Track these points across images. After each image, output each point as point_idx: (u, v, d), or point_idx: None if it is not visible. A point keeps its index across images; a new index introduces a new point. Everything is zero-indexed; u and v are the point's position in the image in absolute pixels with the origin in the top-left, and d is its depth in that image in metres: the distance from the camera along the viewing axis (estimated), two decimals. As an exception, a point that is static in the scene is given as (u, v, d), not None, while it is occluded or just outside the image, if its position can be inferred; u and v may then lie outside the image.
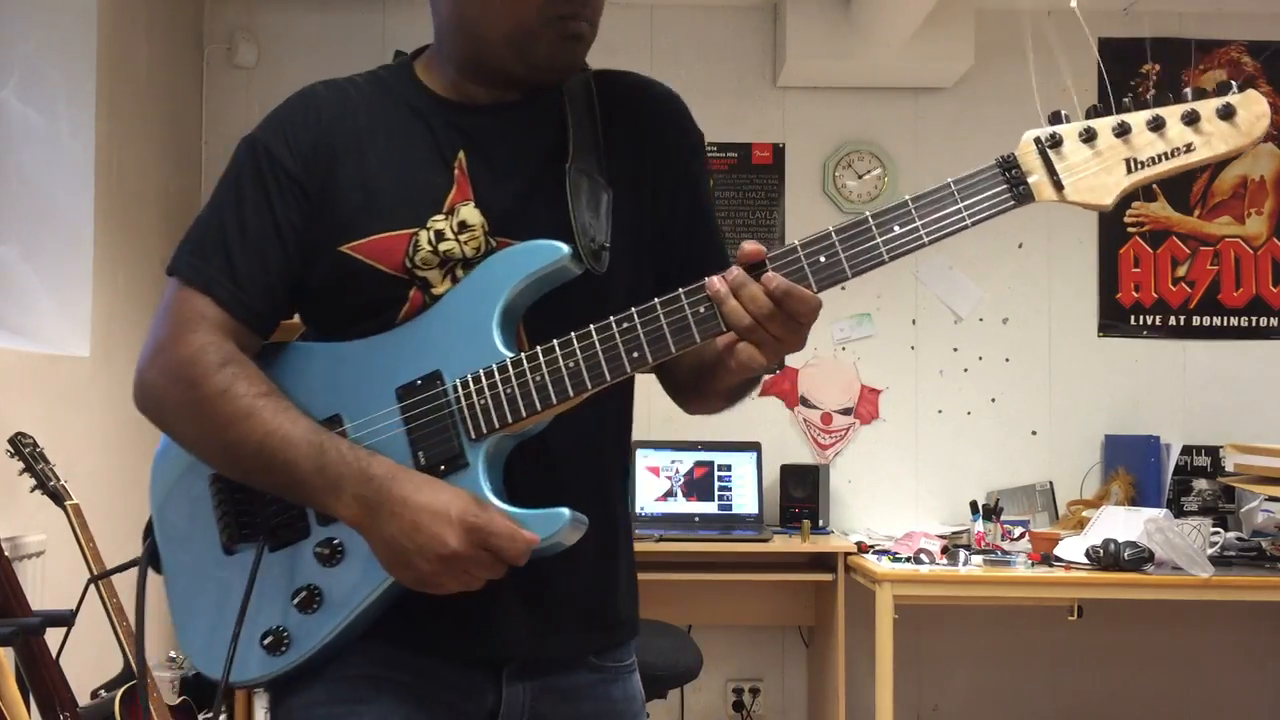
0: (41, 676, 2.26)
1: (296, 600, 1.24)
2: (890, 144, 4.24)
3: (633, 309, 1.19)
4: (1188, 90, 1.13)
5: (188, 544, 1.32)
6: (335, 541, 1.24)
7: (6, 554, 2.25)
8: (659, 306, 1.19)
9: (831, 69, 4.09)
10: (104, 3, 3.24)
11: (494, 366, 1.21)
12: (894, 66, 4.01)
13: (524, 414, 1.20)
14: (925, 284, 4.19)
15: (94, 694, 2.67)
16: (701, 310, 1.18)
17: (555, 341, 1.20)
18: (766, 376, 4.06)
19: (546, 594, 1.30)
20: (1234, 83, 1.11)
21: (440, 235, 1.27)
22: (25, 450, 2.55)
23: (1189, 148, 1.11)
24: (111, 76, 3.31)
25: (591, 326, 1.20)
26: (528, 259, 1.23)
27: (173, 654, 3.53)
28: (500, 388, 1.20)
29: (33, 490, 2.55)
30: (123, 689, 2.55)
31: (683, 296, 1.18)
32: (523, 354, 1.21)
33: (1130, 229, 4.24)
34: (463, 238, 1.27)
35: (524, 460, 1.26)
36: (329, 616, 1.24)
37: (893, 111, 4.25)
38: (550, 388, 1.20)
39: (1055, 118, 1.15)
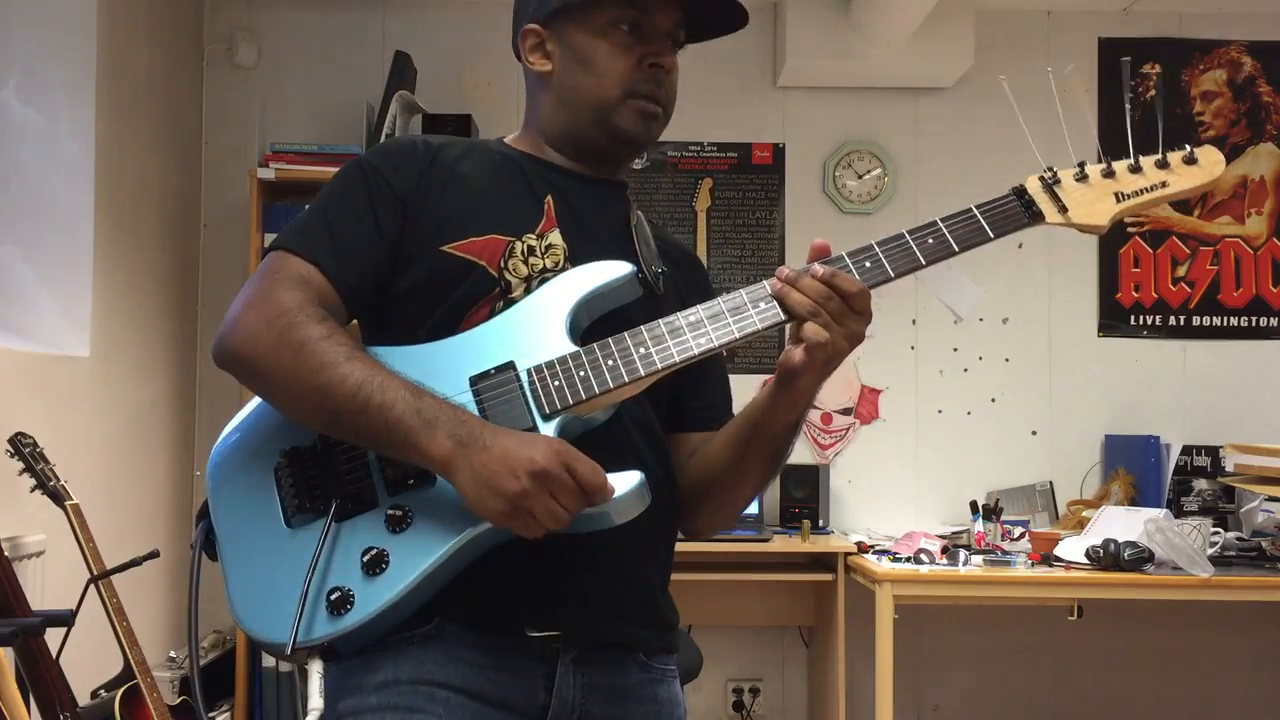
0: (41, 676, 2.26)
1: (366, 558, 1.28)
2: (890, 144, 4.24)
3: (697, 305, 1.32)
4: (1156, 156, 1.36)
5: (248, 521, 1.35)
6: (405, 507, 1.29)
7: (6, 554, 2.25)
8: (721, 301, 1.32)
9: (831, 69, 4.09)
10: (104, 3, 3.24)
11: (566, 355, 1.31)
12: (894, 66, 4.01)
13: (596, 391, 1.29)
14: (925, 284, 4.19)
15: (94, 694, 2.67)
16: (762, 304, 1.31)
17: (625, 332, 1.32)
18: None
19: (613, 576, 1.37)
20: (1188, 145, 1.35)
21: (531, 250, 1.40)
22: (25, 450, 2.55)
23: (1164, 184, 1.35)
24: (111, 76, 3.31)
25: (659, 319, 1.32)
26: (596, 273, 1.37)
27: (173, 654, 3.53)
28: (574, 371, 1.30)
29: (33, 490, 2.55)
30: (123, 689, 2.55)
31: (743, 292, 1.32)
32: (594, 344, 1.31)
33: (1130, 229, 4.24)
34: (547, 254, 1.41)
35: (598, 450, 1.32)
36: (394, 579, 1.27)
37: (893, 111, 4.25)
38: (622, 368, 1.30)
39: (1050, 169, 1.37)
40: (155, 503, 3.68)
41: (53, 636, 2.30)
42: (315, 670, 1.29)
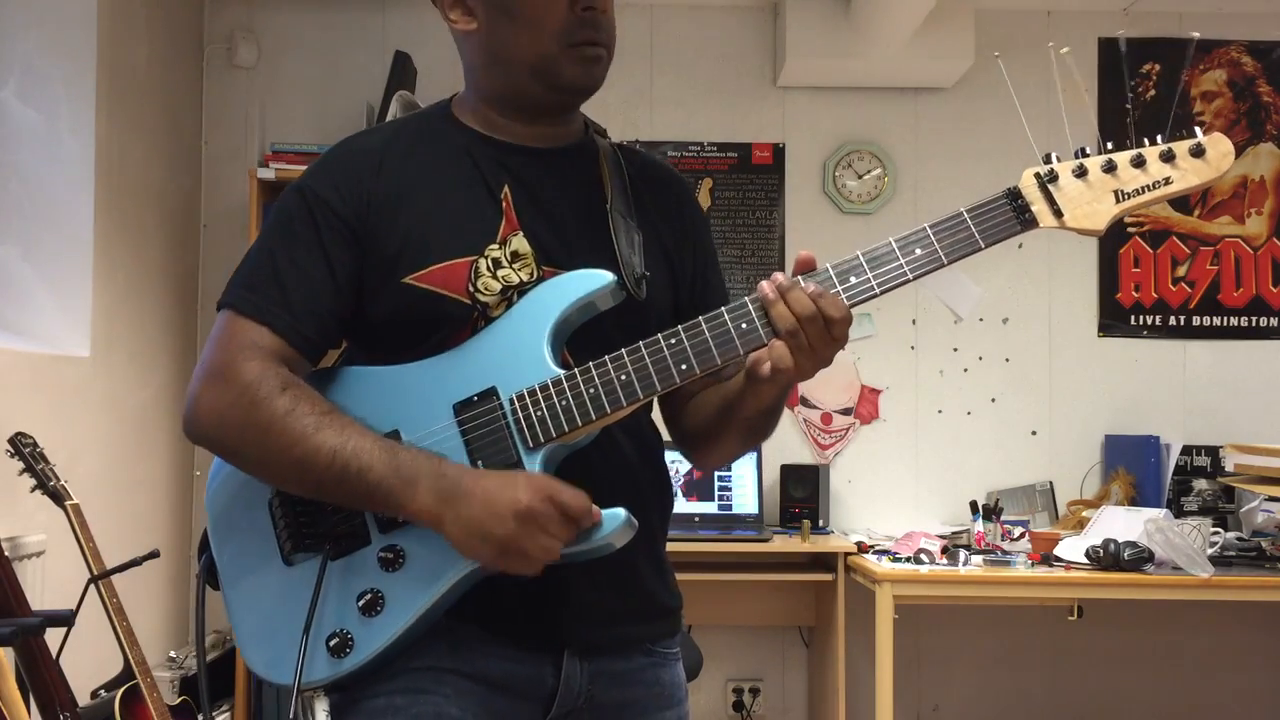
0: (41, 676, 2.26)
1: (361, 603, 1.29)
2: (890, 144, 4.24)
3: (678, 326, 1.28)
4: (1159, 139, 1.28)
5: (247, 558, 1.35)
6: (397, 547, 1.29)
7: (6, 554, 2.25)
8: (703, 322, 1.28)
9: (831, 69, 4.09)
10: (104, 3, 3.25)
11: (548, 381, 1.29)
12: (894, 66, 4.01)
13: (579, 423, 1.27)
14: (925, 284, 4.19)
15: (94, 694, 2.67)
16: (744, 325, 1.27)
17: (606, 357, 1.28)
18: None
19: (609, 583, 1.38)
20: (1199, 129, 1.28)
21: (497, 263, 1.34)
22: (25, 450, 2.55)
23: (1167, 180, 1.27)
24: (111, 76, 3.31)
25: (640, 343, 1.28)
26: (576, 285, 1.31)
27: (173, 654, 3.53)
28: (555, 400, 1.28)
29: (33, 490, 2.56)
30: (123, 689, 2.55)
31: (725, 313, 1.28)
32: (575, 369, 1.28)
33: (1130, 229, 4.24)
34: (516, 265, 1.34)
35: (587, 458, 1.33)
36: (391, 620, 1.28)
37: (893, 111, 4.25)
38: (604, 398, 1.27)
39: (1048, 158, 1.29)
40: (155, 503, 3.68)
41: (53, 636, 2.30)
42: (321, 709, 1.31)
